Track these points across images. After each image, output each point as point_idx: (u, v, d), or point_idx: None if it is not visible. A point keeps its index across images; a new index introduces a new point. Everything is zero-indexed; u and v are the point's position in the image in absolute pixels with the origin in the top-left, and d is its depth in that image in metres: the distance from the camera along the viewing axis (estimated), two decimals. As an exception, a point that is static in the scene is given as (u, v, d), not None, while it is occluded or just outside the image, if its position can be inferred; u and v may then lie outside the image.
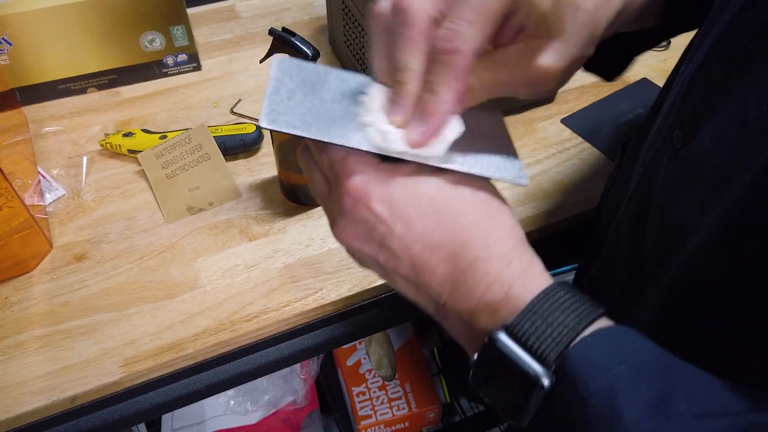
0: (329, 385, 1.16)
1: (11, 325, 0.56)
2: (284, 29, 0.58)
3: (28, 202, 0.59)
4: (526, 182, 0.37)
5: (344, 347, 1.15)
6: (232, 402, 1.07)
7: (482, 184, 0.35)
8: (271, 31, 0.57)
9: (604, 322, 0.30)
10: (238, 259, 0.61)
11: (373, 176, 0.33)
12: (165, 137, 0.70)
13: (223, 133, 0.70)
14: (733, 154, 0.30)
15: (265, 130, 0.73)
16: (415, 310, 0.37)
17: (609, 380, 0.27)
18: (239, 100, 0.79)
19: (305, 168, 0.38)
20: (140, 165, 0.68)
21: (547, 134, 0.74)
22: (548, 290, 0.30)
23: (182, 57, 0.83)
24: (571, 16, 0.33)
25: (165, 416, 1.07)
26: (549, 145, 0.72)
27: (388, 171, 0.34)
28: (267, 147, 0.73)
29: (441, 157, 0.34)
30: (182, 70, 0.84)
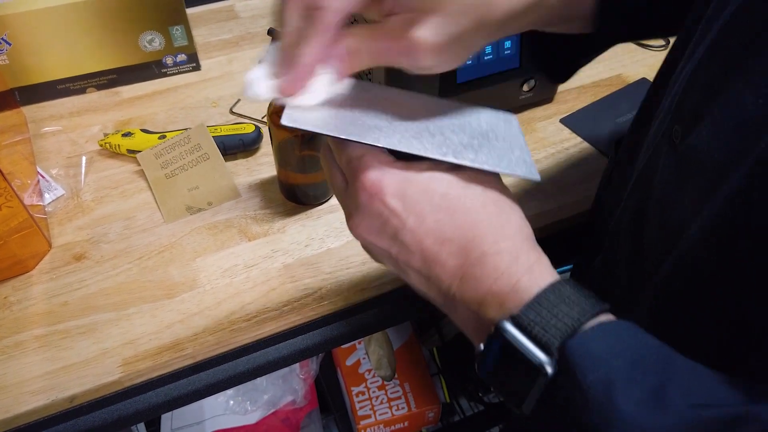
0: (328, 384, 1.16)
1: (10, 324, 0.56)
2: (283, 29, 0.58)
3: (27, 202, 0.59)
4: (538, 178, 0.38)
5: (343, 347, 1.15)
6: (232, 402, 1.07)
7: (494, 183, 0.36)
8: (271, 31, 0.57)
9: (606, 317, 0.31)
10: (237, 258, 0.61)
11: (388, 172, 0.35)
12: (164, 137, 0.70)
13: (223, 133, 0.70)
14: (729, 149, 0.31)
15: (265, 130, 0.73)
16: (414, 310, 0.37)
17: (606, 372, 0.28)
18: (238, 100, 0.79)
19: (326, 166, 0.40)
20: (139, 165, 0.68)
21: (546, 134, 0.74)
22: (554, 284, 0.32)
23: (181, 57, 0.83)
24: None
25: (164, 416, 1.07)
26: (548, 145, 0.72)
27: (402, 167, 0.35)
28: (266, 147, 0.73)
29: (454, 154, 0.35)
30: (181, 70, 0.84)
